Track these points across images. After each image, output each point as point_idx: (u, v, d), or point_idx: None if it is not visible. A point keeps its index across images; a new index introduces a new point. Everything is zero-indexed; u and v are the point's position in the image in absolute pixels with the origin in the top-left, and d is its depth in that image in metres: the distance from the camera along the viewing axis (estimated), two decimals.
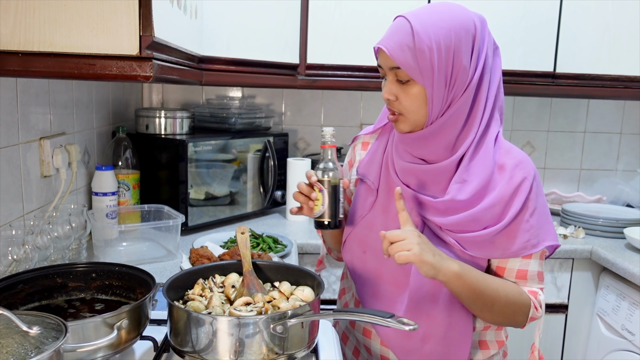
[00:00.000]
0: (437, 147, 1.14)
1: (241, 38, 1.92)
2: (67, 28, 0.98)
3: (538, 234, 1.13)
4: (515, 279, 1.16)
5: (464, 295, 1.10)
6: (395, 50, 1.07)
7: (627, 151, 2.74)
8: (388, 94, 1.13)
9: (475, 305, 1.12)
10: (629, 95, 2.28)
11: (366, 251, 1.25)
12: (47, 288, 1.12)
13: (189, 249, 1.70)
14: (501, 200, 1.12)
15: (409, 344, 1.20)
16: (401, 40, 1.07)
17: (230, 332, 0.93)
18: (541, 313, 1.17)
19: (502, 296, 1.11)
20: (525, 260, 1.15)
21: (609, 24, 2.20)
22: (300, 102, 2.61)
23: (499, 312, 1.13)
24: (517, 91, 2.25)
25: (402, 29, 1.08)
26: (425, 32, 1.05)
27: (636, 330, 1.82)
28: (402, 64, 1.07)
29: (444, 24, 1.07)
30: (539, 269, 1.17)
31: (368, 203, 1.26)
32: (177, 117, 2.12)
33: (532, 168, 1.15)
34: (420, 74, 1.07)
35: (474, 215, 1.12)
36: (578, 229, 2.17)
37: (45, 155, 1.55)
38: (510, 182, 1.13)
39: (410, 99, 1.11)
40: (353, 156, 1.37)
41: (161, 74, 1.09)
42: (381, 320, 0.86)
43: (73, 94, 1.75)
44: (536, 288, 1.16)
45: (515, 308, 1.13)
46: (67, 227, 1.46)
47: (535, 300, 1.15)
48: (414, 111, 1.11)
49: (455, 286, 1.08)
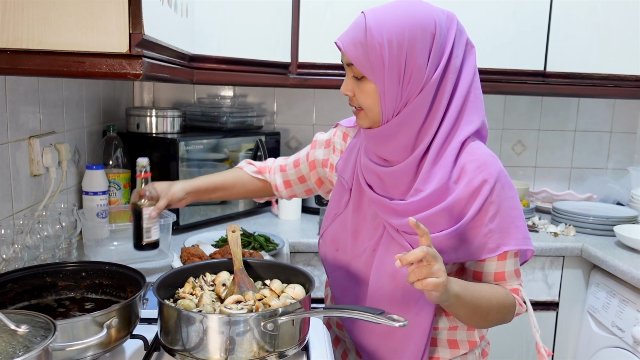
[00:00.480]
0: (396, 146, 1.13)
1: (232, 37, 1.91)
2: (56, 26, 0.98)
3: (498, 238, 1.11)
4: (493, 282, 1.15)
5: (463, 312, 1.09)
6: (348, 46, 1.08)
7: (617, 149, 2.76)
8: (345, 89, 1.14)
9: (472, 320, 1.13)
10: (619, 94, 2.30)
11: (339, 249, 1.27)
12: (36, 287, 1.11)
13: (180, 248, 1.70)
14: (458, 203, 1.10)
15: (373, 341, 1.22)
16: (355, 36, 1.07)
17: (221, 330, 0.93)
18: (525, 307, 1.17)
19: (494, 304, 1.11)
20: (500, 263, 1.14)
21: (599, 24, 2.22)
22: (292, 101, 2.61)
23: (493, 319, 1.14)
24: (508, 90, 2.26)
25: (358, 25, 1.08)
26: (378, 28, 1.04)
27: (626, 327, 1.83)
28: (354, 59, 1.07)
29: (399, 21, 1.05)
30: (514, 267, 1.16)
31: (343, 201, 1.27)
32: (168, 116, 2.11)
33: (496, 170, 1.11)
34: (371, 70, 1.06)
35: (429, 217, 1.10)
36: (569, 226, 2.19)
37: (35, 154, 1.54)
38: (469, 185, 1.09)
39: (364, 96, 1.11)
40: (333, 140, 1.37)
41: (151, 72, 1.09)
42: (372, 317, 0.86)
43: (63, 93, 1.74)
44: (516, 285, 1.17)
45: (506, 311, 1.14)
46: (57, 227, 1.45)
47: (517, 297, 1.16)
48: (368, 107, 1.11)
49: (456, 307, 1.06)
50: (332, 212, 1.30)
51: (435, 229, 1.11)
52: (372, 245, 1.21)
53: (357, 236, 1.24)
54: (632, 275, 1.78)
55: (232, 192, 1.50)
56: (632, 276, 1.78)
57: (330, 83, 2.17)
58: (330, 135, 1.39)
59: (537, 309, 2.13)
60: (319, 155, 1.40)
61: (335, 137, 1.37)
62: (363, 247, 1.22)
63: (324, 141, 1.40)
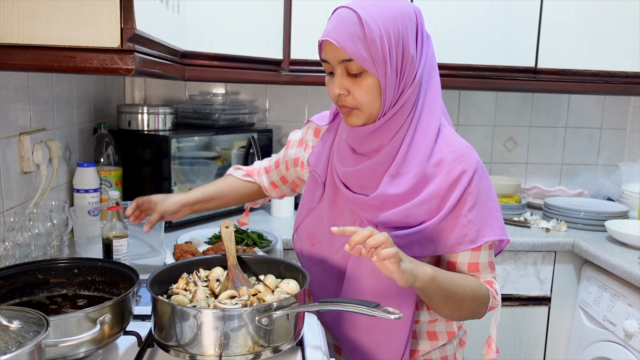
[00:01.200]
0: (383, 139, 1.12)
1: (224, 33, 1.91)
2: (46, 20, 0.97)
3: (477, 229, 1.11)
4: (467, 273, 1.14)
5: (437, 298, 1.07)
6: (345, 41, 1.03)
7: (607, 146, 2.78)
8: (339, 88, 1.08)
9: (446, 307, 1.10)
10: (609, 90, 2.32)
11: (314, 244, 1.27)
12: (28, 284, 1.10)
13: (172, 245, 1.69)
14: (437, 194, 1.10)
15: (353, 334, 1.22)
16: (350, 31, 1.03)
17: (215, 326, 0.92)
18: (498, 301, 1.16)
19: (468, 292, 1.10)
20: (474, 253, 1.13)
21: (588, 20, 2.23)
22: (284, 98, 2.61)
23: (467, 308, 1.11)
24: (499, 86, 2.27)
25: (348, 19, 1.04)
26: (374, 21, 1.03)
27: (617, 321, 1.85)
28: (354, 55, 1.03)
29: (389, 12, 1.05)
30: (489, 259, 1.16)
31: (317, 196, 1.27)
32: (160, 113, 2.10)
33: (474, 161, 1.12)
34: (374, 65, 1.04)
35: (407, 210, 1.10)
36: (560, 222, 2.20)
37: (25, 151, 1.53)
38: (448, 176, 1.10)
39: (364, 92, 1.07)
40: (305, 138, 1.37)
41: (143, 68, 1.08)
42: (367, 310, 0.86)
43: (53, 90, 1.73)
44: (490, 277, 1.16)
45: (480, 301, 1.12)
46: (48, 224, 1.44)
47: (491, 289, 1.15)
48: (368, 104, 1.08)
49: (431, 290, 1.04)
50: (306, 206, 1.29)
51: (415, 221, 1.11)
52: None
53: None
54: (623, 270, 1.80)
55: (227, 200, 1.51)
56: (623, 270, 1.80)
57: (322, 80, 2.13)
58: (302, 134, 1.38)
59: (530, 304, 2.14)
60: (291, 155, 1.41)
61: (307, 135, 1.36)
62: (341, 242, 1.21)
63: (297, 140, 1.39)
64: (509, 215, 2.31)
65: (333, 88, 1.10)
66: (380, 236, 0.94)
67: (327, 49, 1.08)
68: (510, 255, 2.09)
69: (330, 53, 1.08)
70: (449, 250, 1.13)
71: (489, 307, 1.15)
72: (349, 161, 1.17)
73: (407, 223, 1.12)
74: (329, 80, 1.13)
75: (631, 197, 2.35)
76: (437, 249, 1.13)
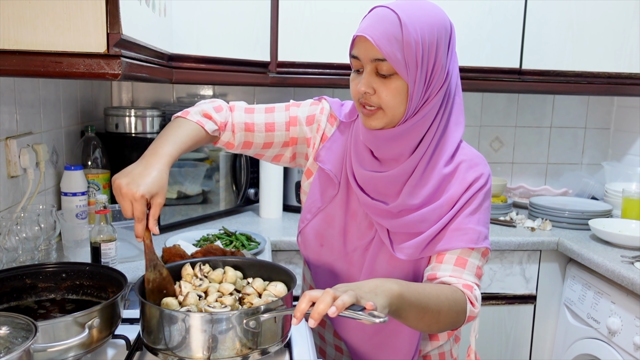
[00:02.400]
0: (403, 147, 1.12)
1: (211, 36, 1.91)
2: (32, 25, 0.97)
3: (479, 231, 1.13)
4: (453, 266, 1.11)
5: (412, 315, 1.00)
6: (382, 40, 1.02)
7: (591, 145, 2.82)
8: (366, 86, 1.06)
9: (423, 322, 1.03)
10: (593, 91, 2.35)
11: (323, 245, 1.25)
12: (16, 289, 1.10)
13: (161, 249, 1.69)
14: (451, 198, 1.13)
15: (361, 336, 1.23)
16: (388, 30, 1.02)
17: (203, 329, 0.93)
18: (477, 309, 1.11)
19: (443, 300, 1.04)
20: (466, 251, 1.13)
21: (572, 22, 2.26)
22: (271, 100, 2.61)
23: (444, 319, 1.05)
24: (484, 87, 2.30)
25: (388, 19, 1.03)
26: (413, 25, 1.02)
27: (601, 319, 1.88)
28: (389, 55, 1.02)
29: (428, 19, 1.05)
30: (479, 263, 1.14)
31: (328, 195, 1.23)
32: (148, 115, 2.10)
33: (487, 171, 1.16)
34: (406, 68, 1.03)
35: (422, 215, 1.12)
36: (545, 221, 2.23)
37: (12, 155, 1.52)
38: (463, 182, 1.13)
39: (391, 94, 1.06)
40: (318, 117, 1.26)
41: (130, 72, 1.09)
42: (351, 314, 0.87)
43: (40, 93, 1.72)
44: (472, 281, 1.11)
45: (458, 308, 1.07)
46: (35, 228, 1.44)
47: (470, 294, 1.09)
48: (393, 107, 1.07)
49: (403, 310, 0.98)
50: (315, 205, 1.25)
51: (427, 225, 1.13)
52: (363, 246, 1.20)
53: (346, 235, 1.22)
54: (606, 268, 1.83)
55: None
56: (606, 269, 1.83)
57: (309, 81, 2.18)
58: (314, 111, 1.27)
59: (516, 303, 2.17)
60: (304, 132, 1.27)
61: (321, 115, 1.26)
62: (353, 247, 1.22)
63: (304, 117, 1.27)
64: (495, 215, 2.33)
65: (359, 85, 1.08)
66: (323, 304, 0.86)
67: (360, 45, 1.06)
68: (496, 255, 2.11)
69: (363, 50, 1.06)
70: (449, 247, 1.12)
71: (467, 317, 1.09)
72: (367, 164, 1.16)
73: (420, 228, 1.13)
74: (354, 78, 1.11)
75: (615, 196, 2.39)
76: (438, 247, 1.13)
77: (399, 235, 1.15)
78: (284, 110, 1.28)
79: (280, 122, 1.27)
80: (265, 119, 1.27)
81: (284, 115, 1.28)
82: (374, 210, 1.16)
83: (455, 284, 1.09)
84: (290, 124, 1.27)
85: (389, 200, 1.15)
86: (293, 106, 1.29)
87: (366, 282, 0.95)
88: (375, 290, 0.93)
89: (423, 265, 1.17)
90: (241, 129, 1.26)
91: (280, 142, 1.28)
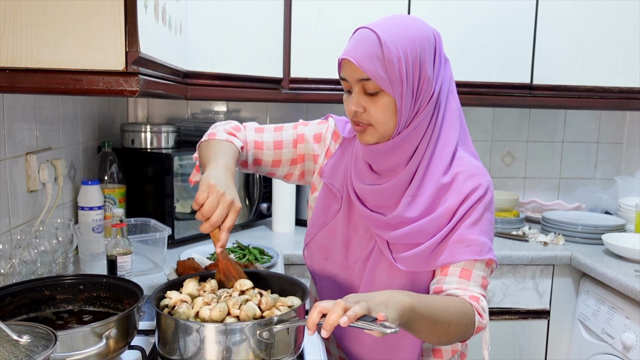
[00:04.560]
0: (399, 159, 1.15)
1: (225, 53, 1.95)
2: (54, 45, 1.01)
3: (482, 242, 1.12)
4: (458, 279, 1.12)
5: (422, 327, 1.00)
6: (364, 60, 1.06)
7: (604, 159, 2.81)
8: (356, 106, 1.10)
9: (434, 334, 1.04)
10: (604, 106, 2.35)
11: (328, 259, 1.28)
12: (34, 301, 1.13)
13: (175, 262, 1.71)
14: (448, 209, 1.13)
15: (364, 349, 1.23)
16: (369, 50, 1.06)
17: (218, 340, 0.95)
18: (486, 320, 1.11)
19: (453, 312, 1.04)
20: (470, 262, 1.13)
21: (582, 36, 2.28)
22: (284, 116, 2.65)
23: (455, 331, 1.05)
24: (495, 102, 2.31)
25: (368, 39, 1.07)
26: (393, 42, 1.06)
27: (615, 334, 1.86)
28: (372, 74, 1.06)
29: (408, 34, 1.08)
30: (483, 274, 1.14)
31: (332, 210, 1.27)
32: (163, 131, 2.14)
33: (487, 181, 1.15)
34: (391, 85, 1.06)
35: (420, 226, 1.13)
36: (558, 236, 2.22)
37: (32, 170, 1.56)
38: (460, 193, 1.13)
39: (380, 110, 1.09)
40: (325, 135, 1.32)
41: (147, 89, 1.12)
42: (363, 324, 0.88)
43: (59, 110, 1.77)
44: (477, 293, 1.11)
45: (467, 320, 1.07)
46: (53, 241, 1.47)
47: (477, 305, 1.09)
48: (383, 122, 1.10)
49: (414, 322, 0.98)
50: (320, 220, 1.29)
51: (426, 237, 1.14)
52: (364, 257, 1.23)
53: (348, 247, 1.25)
54: (620, 283, 1.82)
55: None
56: (620, 283, 1.82)
57: (321, 97, 2.21)
58: (321, 130, 1.33)
59: (529, 318, 2.16)
60: (311, 149, 1.33)
61: (327, 133, 1.32)
62: (355, 258, 1.24)
63: (312, 136, 1.33)
64: (507, 229, 2.33)
65: (350, 105, 1.12)
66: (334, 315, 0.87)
67: (346, 67, 1.11)
68: (508, 269, 2.11)
69: (348, 71, 1.10)
70: (452, 260, 1.12)
71: (476, 328, 1.09)
72: (366, 178, 1.19)
73: (418, 239, 1.14)
74: (346, 98, 1.15)
75: (628, 210, 2.37)
76: (441, 260, 1.13)
77: (399, 247, 1.17)
78: (292, 129, 1.35)
79: (288, 140, 1.33)
80: (273, 137, 1.33)
81: (292, 134, 1.34)
82: (373, 222, 1.18)
83: (462, 296, 1.10)
84: (298, 141, 1.33)
85: (387, 212, 1.17)
86: (301, 125, 1.36)
87: (377, 294, 0.96)
88: (387, 303, 0.94)
89: (422, 276, 1.17)
90: (252, 147, 1.32)
91: (288, 160, 1.34)
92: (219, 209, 1.02)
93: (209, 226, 1.02)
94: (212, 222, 1.02)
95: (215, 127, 1.30)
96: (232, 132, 1.27)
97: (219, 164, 1.12)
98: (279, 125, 1.36)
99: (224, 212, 1.03)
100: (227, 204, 1.03)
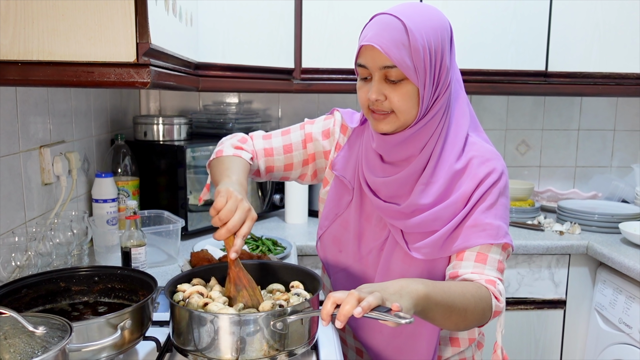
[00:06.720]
0: (413, 149, 1.14)
1: (236, 44, 1.94)
2: (65, 37, 1.01)
3: (497, 226, 1.11)
4: (474, 263, 1.11)
5: (438, 315, 1.00)
6: (390, 48, 1.04)
7: (621, 147, 2.77)
8: (377, 94, 1.08)
9: (450, 321, 1.03)
10: (621, 92, 2.32)
11: (342, 250, 1.28)
12: (50, 292, 1.14)
13: (189, 253, 1.72)
14: (463, 195, 1.13)
15: (380, 339, 1.23)
16: (395, 38, 1.04)
17: (232, 330, 0.95)
18: (502, 304, 1.10)
19: (469, 298, 1.04)
20: (486, 246, 1.11)
21: (598, 22, 2.24)
22: (296, 106, 2.64)
23: (471, 316, 1.05)
24: (510, 90, 2.28)
25: (393, 26, 1.05)
26: (418, 30, 1.05)
27: (633, 324, 1.84)
28: (398, 62, 1.04)
29: (431, 23, 1.07)
30: (499, 258, 1.12)
31: (344, 201, 1.26)
32: (175, 123, 2.14)
33: (501, 165, 1.15)
34: (415, 73, 1.05)
35: (435, 213, 1.12)
36: (574, 225, 2.20)
37: (46, 163, 1.57)
38: (474, 178, 1.13)
39: (403, 99, 1.08)
40: (333, 130, 1.31)
41: (158, 80, 1.12)
42: (377, 315, 0.88)
43: (72, 103, 1.78)
44: (494, 277, 1.10)
45: (483, 305, 1.06)
46: (68, 234, 1.48)
47: (494, 289, 1.08)
48: (406, 110, 1.09)
49: (430, 310, 0.98)
50: (333, 212, 1.28)
51: (441, 223, 1.13)
52: (378, 246, 1.22)
53: (361, 238, 1.25)
54: (638, 272, 1.79)
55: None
56: (638, 272, 1.79)
57: (333, 87, 2.20)
58: (329, 125, 1.33)
59: (545, 307, 2.14)
60: (320, 146, 1.32)
61: (335, 127, 1.31)
62: (368, 249, 1.24)
63: (320, 132, 1.33)
64: (522, 219, 2.31)
65: (369, 93, 1.10)
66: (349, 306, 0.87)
67: (367, 54, 1.08)
68: (524, 259, 2.09)
69: (370, 58, 1.08)
70: (468, 244, 1.11)
71: (493, 312, 1.08)
72: (378, 170, 1.19)
73: (434, 226, 1.14)
74: (361, 86, 1.13)
75: None
76: (457, 245, 1.13)
77: (414, 235, 1.16)
78: (298, 130, 1.34)
79: (297, 142, 1.33)
80: (282, 142, 1.34)
81: (300, 134, 1.34)
82: (386, 212, 1.18)
83: (478, 280, 1.09)
84: (307, 141, 1.33)
85: (401, 201, 1.16)
86: (307, 124, 1.35)
87: (391, 283, 0.95)
88: (401, 292, 0.93)
89: (438, 264, 1.17)
90: (262, 155, 1.32)
91: (300, 162, 1.34)
92: (237, 214, 1.01)
93: (226, 231, 1.00)
94: (230, 226, 1.00)
95: (222, 142, 1.32)
96: (238, 145, 1.29)
97: (232, 180, 1.12)
98: (286, 129, 1.36)
99: (242, 218, 1.01)
100: (245, 210, 1.02)
